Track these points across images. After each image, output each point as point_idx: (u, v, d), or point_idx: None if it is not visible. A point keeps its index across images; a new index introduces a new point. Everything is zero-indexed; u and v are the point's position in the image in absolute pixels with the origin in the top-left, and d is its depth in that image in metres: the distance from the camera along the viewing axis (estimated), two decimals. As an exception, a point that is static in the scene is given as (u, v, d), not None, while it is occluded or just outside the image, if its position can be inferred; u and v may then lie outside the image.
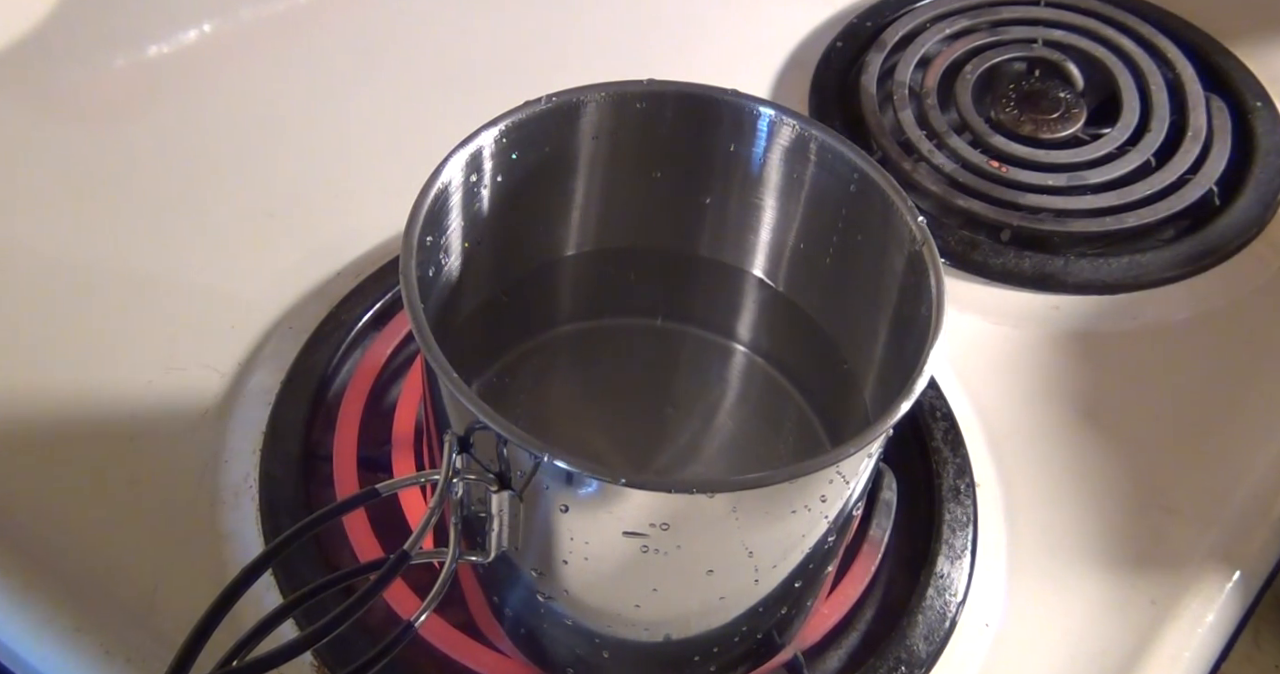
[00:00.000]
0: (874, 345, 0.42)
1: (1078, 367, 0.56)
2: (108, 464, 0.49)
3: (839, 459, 0.32)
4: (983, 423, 0.53)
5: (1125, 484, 0.52)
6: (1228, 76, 0.70)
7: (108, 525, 0.48)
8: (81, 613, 0.45)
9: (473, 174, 0.39)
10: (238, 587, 0.32)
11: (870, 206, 0.39)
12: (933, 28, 0.71)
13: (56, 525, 0.48)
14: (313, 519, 0.34)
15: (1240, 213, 0.62)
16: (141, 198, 0.60)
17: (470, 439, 0.34)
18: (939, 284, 0.36)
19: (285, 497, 0.48)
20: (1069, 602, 0.48)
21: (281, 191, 0.61)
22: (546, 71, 0.67)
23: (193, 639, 0.31)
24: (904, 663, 0.45)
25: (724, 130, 0.42)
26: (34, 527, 0.48)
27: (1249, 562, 0.50)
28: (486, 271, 0.43)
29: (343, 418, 0.50)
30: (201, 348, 0.53)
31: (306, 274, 0.56)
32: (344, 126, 0.65)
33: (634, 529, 0.33)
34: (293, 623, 0.44)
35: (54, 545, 0.47)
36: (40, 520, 0.48)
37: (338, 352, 0.53)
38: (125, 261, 0.57)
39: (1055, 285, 0.59)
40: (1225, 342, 0.58)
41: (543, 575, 0.37)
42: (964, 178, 0.62)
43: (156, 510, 0.48)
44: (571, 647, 0.41)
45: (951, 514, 0.49)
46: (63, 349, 0.53)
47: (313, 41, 0.69)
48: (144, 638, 0.44)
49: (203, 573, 0.46)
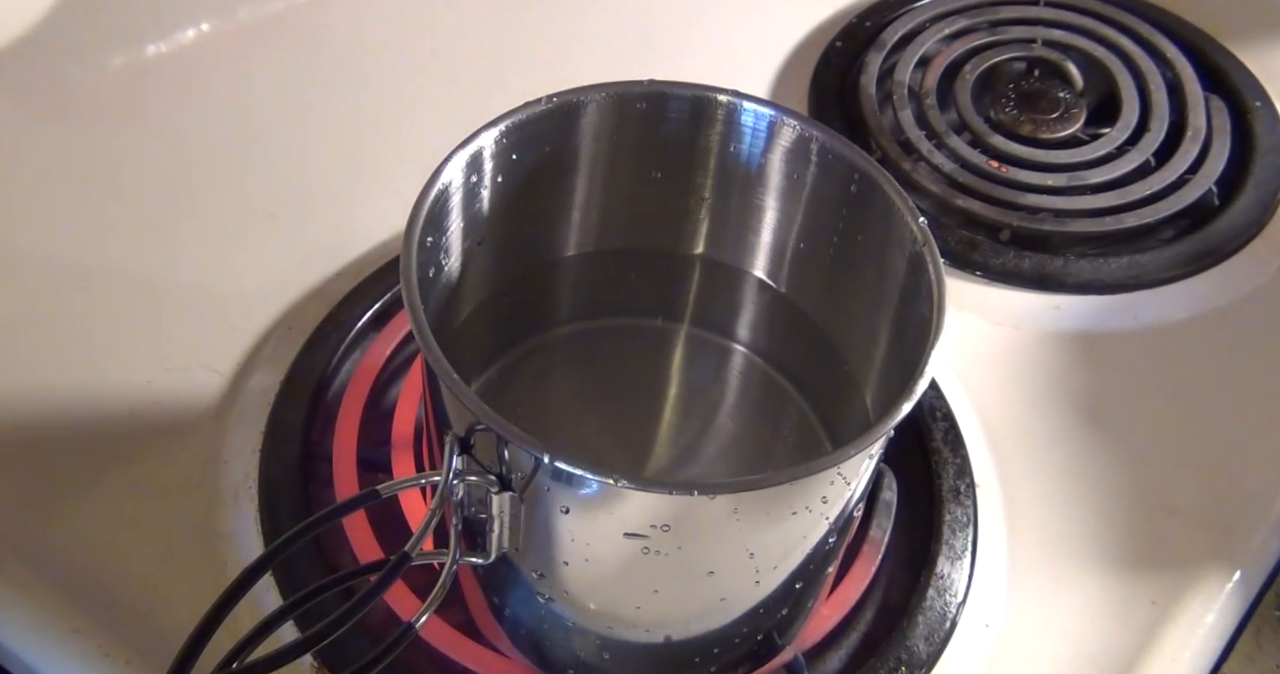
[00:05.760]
0: (874, 346, 0.42)
1: (1078, 367, 0.56)
2: (107, 464, 0.49)
3: (840, 460, 0.32)
4: (983, 423, 0.53)
5: (1125, 484, 0.52)
6: (1227, 76, 0.70)
7: (108, 526, 0.48)
8: (81, 613, 0.45)
9: (473, 174, 0.39)
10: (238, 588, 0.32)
11: (871, 207, 0.39)
12: (932, 28, 0.71)
13: (56, 525, 0.48)
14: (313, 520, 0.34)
15: (1240, 213, 0.62)
16: (140, 197, 0.60)
17: (470, 440, 0.34)
18: (940, 285, 0.36)
19: (285, 497, 0.48)
20: (1069, 602, 0.48)
21: (281, 191, 0.61)
22: (546, 71, 0.67)
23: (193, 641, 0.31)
24: (904, 663, 0.45)
25: (724, 131, 0.42)
26: (34, 527, 0.48)
27: (1249, 562, 0.50)
28: (486, 271, 0.43)
29: (342, 418, 0.50)
30: (201, 348, 0.53)
31: (306, 274, 0.56)
32: (344, 126, 0.65)
33: (635, 530, 0.33)
34: (293, 624, 0.44)
35: (54, 545, 0.47)
36: (40, 520, 0.48)
37: (337, 352, 0.53)
38: (125, 262, 0.57)
39: (1055, 285, 0.59)
40: (1225, 342, 0.58)
41: (543, 577, 0.37)
42: (964, 178, 0.62)
43: (156, 511, 0.48)
44: (572, 648, 0.41)
45: (952, 515, 0.49)
46: (62, 349, 0.53)
47: (312, 41, 0.69)
48: (144, 639, 0.44)
49: (203, 574, 0.46)
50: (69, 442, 0.50)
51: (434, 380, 0.34)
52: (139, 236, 0.58)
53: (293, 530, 0.33)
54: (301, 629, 0.42)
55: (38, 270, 0.56)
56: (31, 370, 0.52)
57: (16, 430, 0.50)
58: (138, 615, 0.45)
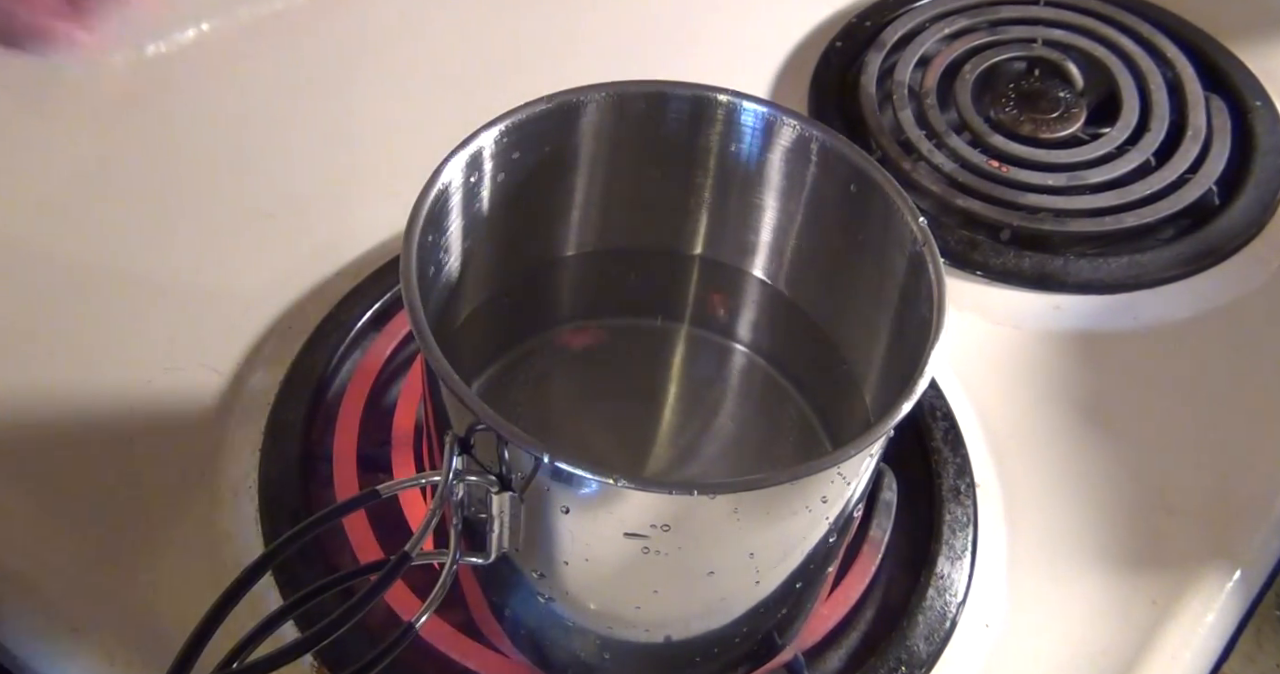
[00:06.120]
0: (874, 346, 0.42)
1: (1078, 366, 0.56)
2: (107, 464, 0.49)
3: (840, 460, 0.32)
4: (983, 423, 0.53)
5: (1125, 484, 0.52)
6: (1227, 76, 0.70)
7: (108, 525, 0.48)
8: (81, 613, 0.45)
9: (473, 174, 0.39)
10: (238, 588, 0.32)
11: (871, 207, 0.39)
12: (932, 27, 0.71)
13: (56, 525, 0.48)
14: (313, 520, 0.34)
15: (1240, 212, 0.62)
16: (140, 197, 0.60)
17: (470, 440, 0.34)
18: (940, 285, 0.36)
19: (285, 497, 0.48)
20: (1069, 602, 0.48)
21: (281, 191, 0.61)
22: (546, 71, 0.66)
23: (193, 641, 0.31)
24: (904, 663, 0.45)
25: (724, 130, 0.42)
26: (34, 526, 0.48)
27: (1249, 562, 0.50)
28: (486, 271, 0.43)
29: (342, 418, 0.50)
30: (201, 348, 0.53)
31: (306, 274, 0.56)
32: (343, 126, 0.65)
33: (635, 530, 0.33)
34: (293, 624, 0.44)
35: (54, 545, 0.47)
36: (40, 520, 0.48)
37: (337, 352, 0.53)
38: (124, 261, 0.57)
39: (1055, 285, 0.59)
40: (1225, 341, 0.58)
41: (543, 577, 0.37)
42: (964, 177, 0.62)
43: (156, 511, 0.48)
44: (572, 648, 0.41)
45: (952, 514, 0.49)
46: (62, 349, 0.53)
47: (312, 41, 0.69)
48: (144, 639, 0.44)
49: (203, 573, 0.46)
50: (69, 441, 0.50)
51: (434, 380, 0.34)
52: (139, 236, 0.58)
53: (293, 530, 0.33)
54: (301, 629, 0.42)
55: (38, 270, 0.56)
56: (32, 370, 0.52)
57: (16, 430, 0.50)
58: (138, 615, 0.45)
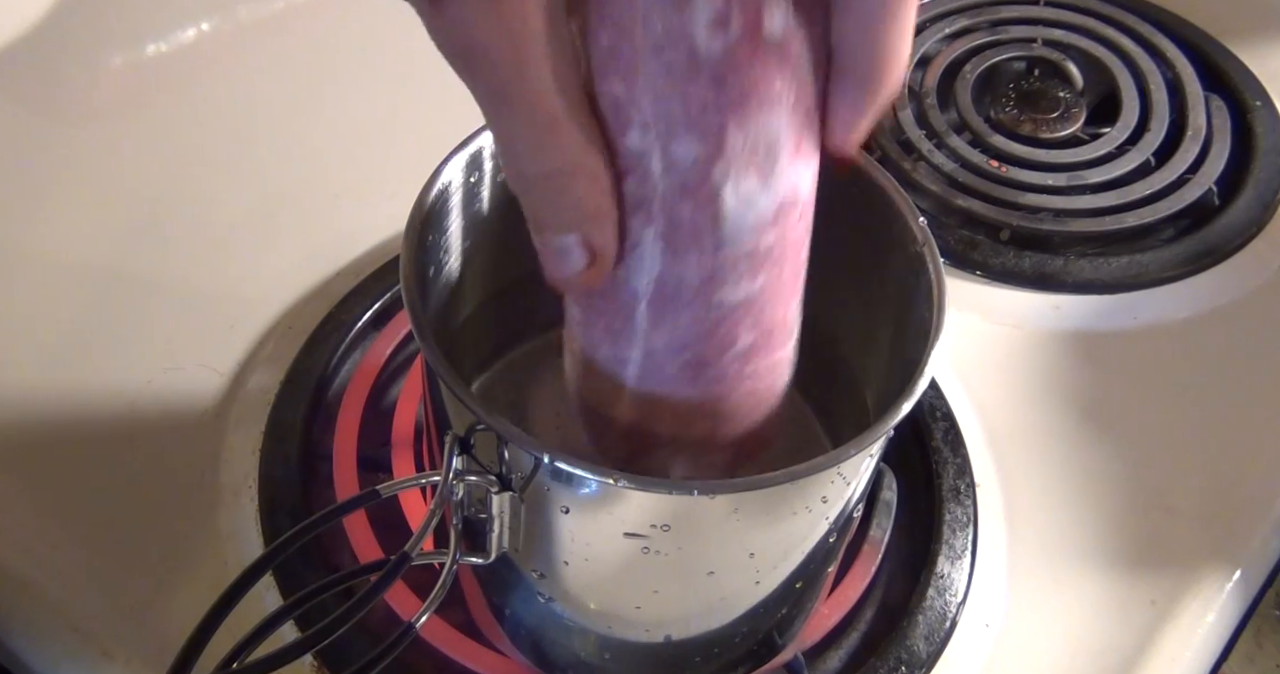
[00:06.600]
0: (874, 345, 0.42)
1: (1078, 366, 0.56)
2: (107, 464, 0.49)
3: (840, 460, 0.32)
4: (983, 423, 0.53)
5: (1125, 484, 0.52)
6: (1227, 76, 0.70)
7: (108, 525, 0.48)
8: (81, 613, 0.45)
9: (473, 174, 0.39)
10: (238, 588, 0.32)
11: (871, 207, 0.39)
12: (932, 27, 0.71)
13: (56, 525, 0.48)
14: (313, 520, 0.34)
15: (1240, 212, 0.62)
16: (140, 197, 0.60)
17: (470, 440, 0.34)
18: (940, 285, 0.36)
19: (285, 497, 0.48)
20: (1069, 602, 0.48)
21: (281, 192, 0.61)
22: (546, 71, 0.66)
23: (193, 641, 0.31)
24: (904, 663, 0.45)
25: (724, 130, 0.42)
26: (34, 526, 0.48)
27: (1249, 562, 0.50)
28: (486, 271, 0.43)
29: (342, 418, 0.50)
30: (201, 348, 0.53)
31: (306, 274, 0.56)
32: (344, 126, 0.65)
33: (635, 530, 0.33)
34: (293, 624, 0.44)
35: (54, 545, 0.47)
36: (40, 520, 0.48)
37: (337, 352, 0.53)
38: (125, 261, 0.57)
39: (1055, 285, 0.59)
40: (1225, 341, 0.58)
41: (543, 577, 0.37)
42: (963, 177, 0.62)
43: (156, 511, 0.48)
44: (572, 648, 0.40)
45: (951, 514, 0.49)
46: (62, 349, 0.53)
47: (312, 41, 0.69)
48: (144, 638, 0.44)
49: (203, 573, 0.46)
50: (69, 441, 0.50)
51: (434, 380, 0.34)
52: (139, 236, 0.58)
53: (293, 530, 0.33)
54: (301, 629, 0.42)
55: (38, 270, 0.56)
56: (32, 370, 0.52)
57: (16, 430, 0.50)
58: (138, 615, 0.45)
